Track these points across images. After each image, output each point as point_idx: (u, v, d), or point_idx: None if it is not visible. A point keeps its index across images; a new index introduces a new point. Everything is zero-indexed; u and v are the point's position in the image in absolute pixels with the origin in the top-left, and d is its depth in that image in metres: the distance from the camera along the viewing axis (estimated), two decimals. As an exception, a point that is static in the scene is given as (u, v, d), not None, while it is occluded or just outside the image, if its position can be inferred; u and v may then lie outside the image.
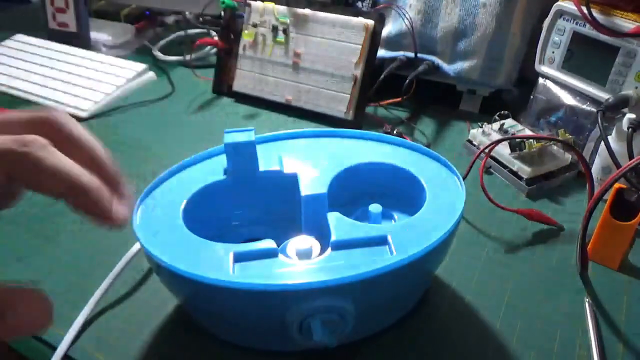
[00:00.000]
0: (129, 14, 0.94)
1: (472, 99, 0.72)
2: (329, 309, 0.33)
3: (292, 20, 0.69)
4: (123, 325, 0.40)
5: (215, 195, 0.40)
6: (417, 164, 0.44)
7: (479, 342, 0.39)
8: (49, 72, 0.78)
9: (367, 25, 0.64)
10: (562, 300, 0.43)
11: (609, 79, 0.56)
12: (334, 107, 0.67)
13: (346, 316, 0.33)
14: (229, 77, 0.75)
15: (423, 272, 0.39)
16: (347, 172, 0.43)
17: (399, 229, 0.37)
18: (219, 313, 0.36)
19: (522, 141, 0.56)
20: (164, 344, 0.39)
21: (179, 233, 0.36)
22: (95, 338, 0.39)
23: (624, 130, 0.51)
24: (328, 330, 0.33)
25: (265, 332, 0.37)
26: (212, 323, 0.39)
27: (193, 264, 0.33)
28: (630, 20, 0.53)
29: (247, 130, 0.41)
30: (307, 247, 0.37)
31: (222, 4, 0.72)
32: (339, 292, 0.32)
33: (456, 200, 0.39)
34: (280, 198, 0.43)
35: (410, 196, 0.42)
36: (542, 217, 0.50)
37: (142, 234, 0.36)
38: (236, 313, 0.35)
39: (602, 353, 0.38)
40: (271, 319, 0.34)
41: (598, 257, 0.46)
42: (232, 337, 0.39)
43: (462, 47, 0.67)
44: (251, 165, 0.41)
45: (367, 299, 0.34)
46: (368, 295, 0.34)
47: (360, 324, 0.35)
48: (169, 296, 0.42)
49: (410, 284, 0.38)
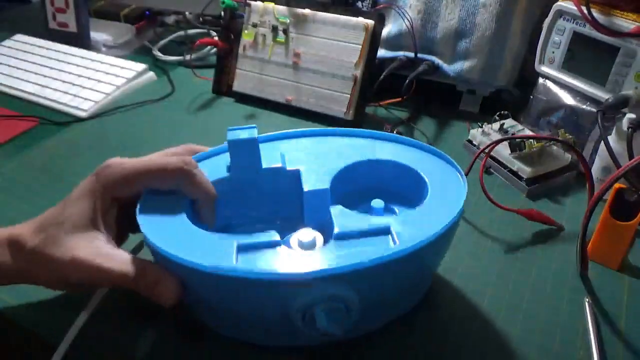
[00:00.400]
0: (129, 14, 0.94)
1: (472, 99, 0.72)
2: (332, 298, 0.33)
3: (292, 20, 0.69)
4: (123, 325, 0.40)
5: (218, 192, 0.41)
6: (418, 160, 0.44)
7: (479, 342, 0.39)
8: (49, 72, 0.78)
9: (367, 25, 0.64)
10: (562, 300, 0.43)
11: (609, 79, 0.56)
12: (334, 107, 0.67)
13: (350, 306, 0.34)
14: (229, 77, 0.75)
15: (425, 264, 0.39)
16: (349, 169, 0.43)
17: (402, 220, 0.37)
18: (223, 306, 0.36)
19: (522, 141, 0.56)
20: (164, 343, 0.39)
21: (183, 226, 0.37)
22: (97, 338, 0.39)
23: (624, 130, 0.51)
24: (332, 319, 0.33)
25: (269, 324, 0.37)
26: (215, 317, 0.39)
27: (197, 254, 0.33)
28: (630, 20, 0.53)
29: (249, 128, 0.41)
30: (311, 239, 0.37)
31: (222, 4, 0.72)
32: (342, 281, 0.33)
33: (458, 193, 0.39)
34: (283, 195, 0.43)
35: (412, 192, 0.43)
36: (542, 217, 0.50)
37: (146, 227, 0.36)
38: (240, 304, 0.35)
39: (602, 353, 0.38)
40: (275, 309, 0.34)
41: (598, 257, 0.46)
42: (237, 332, 0.39)
43: (462, 47, 0.67)
44: (254, 163, 0.42)
45: (370, 289, 0.34)
46: (371, 285, 0.34)
47: (363, 317, 0.35)
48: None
49: (412, 276, 0.39)
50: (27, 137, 0.66)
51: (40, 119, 0.69)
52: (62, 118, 0.70)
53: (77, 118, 0.70)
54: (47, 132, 0.67)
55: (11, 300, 0.42)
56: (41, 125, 0.68)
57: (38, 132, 0.67)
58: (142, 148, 0.63)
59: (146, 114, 0.72)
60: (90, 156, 0.62)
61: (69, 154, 0.63)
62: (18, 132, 0.66)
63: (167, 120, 0.70)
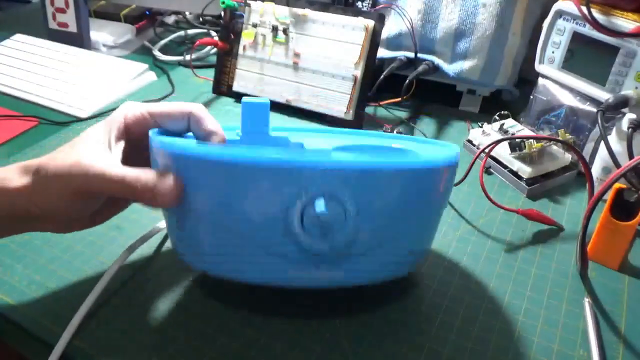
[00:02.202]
0: (129, 14, 0.94)
1: (472, 99, 0.72)
2: (333, 197, 0.34)
3: (292, 20, 0.69)
4: (122, 325, 0.40)
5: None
6: (418, 147, 0.45)
7: (479, 343, 0.39)
8: (49, 72, 0.78)
9: (367, 25, 0.64)
10: (562, 300, 0.43)
11: (609, 79, 0.56)
12: (334, 107, 0.67)
13: (346, 212, 0.35)
14: (229, 77, 0.75)
15: (424, 196, 0.39)
16: (349, 148, 0.44)
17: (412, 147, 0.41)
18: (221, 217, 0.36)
19: (522, 141, 0.56)
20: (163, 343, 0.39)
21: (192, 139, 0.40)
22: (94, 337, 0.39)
23: (624, 130, 0.51)
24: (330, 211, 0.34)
25: (263, 243, 0.36)
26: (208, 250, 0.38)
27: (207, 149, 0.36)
28: (630, 20, 0.53)
29: (262, 99, 0.43)
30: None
31: (222, 4, 0.72)
32: (342, 179, 0.34)
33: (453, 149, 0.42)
34: None
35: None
36: (542, 217, 0.50)
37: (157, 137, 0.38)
38: (242, 204, 0.35)
39: (602, 353, 0.38)
40: (276, 207, 0.35)
41: (598, 257, 0.46)
42: (228, 269, 0.39)
43: (462, 47, 0.67)
44: (263, 128, 0.43)
45: (367, 202, 0.35)
46: (368, 197, 0.35)
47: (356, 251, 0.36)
48: (166, 297, 0.42)
49: (412, 209, 0.38)
50: (27, 137, 0.66)
51: (40, 119, 0.69)
52: (62, 118, 0.70)
53: (77, 118, 0.70)
54: (47, 132, 0.67)
55: (11, 300, 0.42)
56: (41, 125, 0.68)
57: (38, 132, 0.67)
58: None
59: (146, 114, 0.71)
60: (90, 156, 0.62)
61: (69, 154, 0.62)
62: (18, 132, 0.66)
63: (167, 120, 0.70)
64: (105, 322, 0.40)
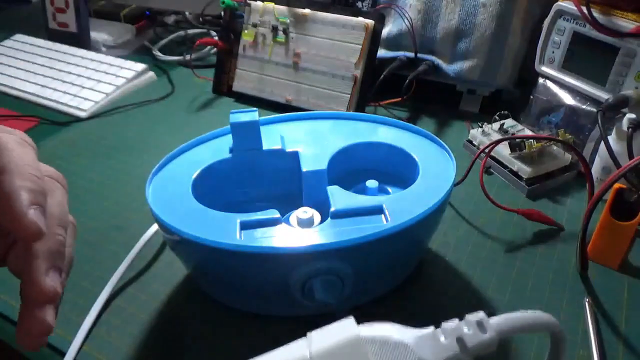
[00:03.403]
0: (129, 14, 0.94)
1: (472, 99, 0.72)
2: (328, 271, 0.35)
3: (292, 20, 0.69)
4: (125, 326, 0.40)
5: (221, 172, 0.43)
6: (410, 142, 0.46)
7: (479, 342, 0.39)
8: (49, 72, 0.78)
9: (367, 25, 0.64)
10: (562, 300, 0.43)
11: (609, 79, 0.56)
12: (334, 107, 0.67)
13: (345, 278, 0.36)
14: (229, 77, 0.75)
15: (416, 240, 0.41)
16: (345, 151, 0.46)
17: (394, 200, 0.39)
18: (228, 278, 0.38)
19: (522, 141, 0.56)
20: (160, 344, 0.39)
21: (189, 205, 0.39)
22: (103, 342, 0.39)
23: (624, 130, 0.51)
24: (328, 290, 0.36)
25: (271, 295, 0.39)
26: (220, 289, 0.41)
27: (204, 231, 0.35)
28: (630, 20, 0.53)
29: (251, 111, 0.44)
30: (309, 216, 0.40)
31: (222, 4, 0.72)
32: (337, 255, 0.35)
33: (447, 172, 0.42)
34: (282, 175, 0.46)
35: (404, 172, 0.45)
36: (542, 217, 0.50)
37: (156, 206, 0.38)
38: (244, 277, 0.37)
39: (602, 353, 0.38)
40: (276, 281, 0.36)
41: (598, 257, 0.46)
42: (240, 303, 0.41)
43: (462, 47, 0.67)
44: (255, 144, 0.44)
45: (363, 263, 0.37)
46: (364, 260, 0.36)
47: (358, 289, 0.37)
48: (165, 298, 0.43)
49: (403, 251, 0.40)
50: (27, 137, 0.66)
51: (40, 119, 0.69)
52: (62, 118, 0.70)
53: (77, 118, 0.70)
54: (47, 132, 0.67)
55: (11, 300, 0.42)
56: (41, 125, 0.68)
57: (38, 132, 0.67)
58: (141, 148, 0.64)
59: (146, 114, 0.72)
60: (90, 156, 0.62)
61: (69, 154, 0.63)
62: (18, 132, 0.66)
63: (167, 120, 0.70)
64: (105, 322, 0.40)
